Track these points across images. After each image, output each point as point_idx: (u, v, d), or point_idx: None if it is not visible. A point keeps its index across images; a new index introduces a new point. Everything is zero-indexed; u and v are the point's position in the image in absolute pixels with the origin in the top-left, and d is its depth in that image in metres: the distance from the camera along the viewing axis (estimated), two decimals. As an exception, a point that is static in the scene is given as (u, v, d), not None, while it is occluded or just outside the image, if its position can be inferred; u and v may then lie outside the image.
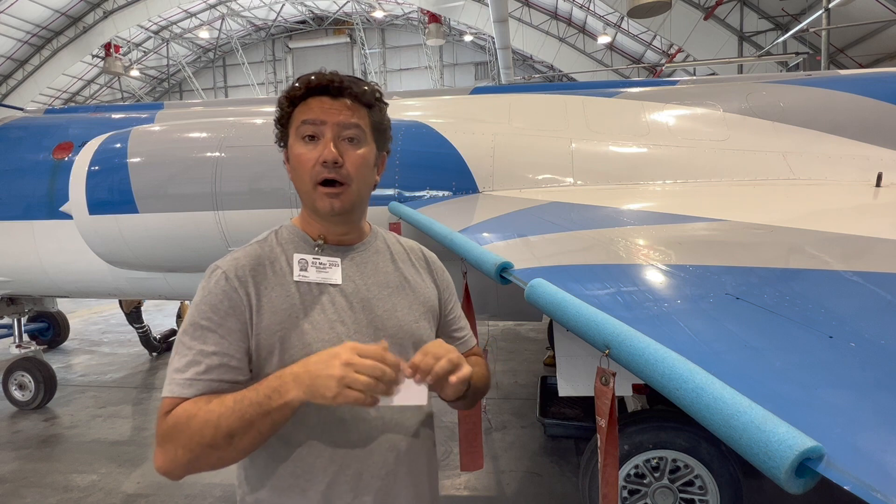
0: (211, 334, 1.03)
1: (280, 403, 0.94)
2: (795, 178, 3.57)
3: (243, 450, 0.96)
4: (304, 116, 1.09)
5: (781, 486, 0.74)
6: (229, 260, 1.12)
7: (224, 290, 1.06)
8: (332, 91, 1.10)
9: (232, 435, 0.94)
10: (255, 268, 1.10)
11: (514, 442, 4.32)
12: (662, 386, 0.99)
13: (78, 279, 4.62)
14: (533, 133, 4.00)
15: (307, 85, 1.10)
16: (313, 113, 1.09)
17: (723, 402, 0.85)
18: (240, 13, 25.51)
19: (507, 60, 17.08)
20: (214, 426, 0.94)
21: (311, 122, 1.09)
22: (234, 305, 1.06)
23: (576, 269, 1.82)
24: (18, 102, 19.84)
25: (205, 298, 1.07)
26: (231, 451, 0.96)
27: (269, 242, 1.16)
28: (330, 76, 1.11)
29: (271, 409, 0.94)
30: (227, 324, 1.04)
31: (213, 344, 1.03)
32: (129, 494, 3.69)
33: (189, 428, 0.95)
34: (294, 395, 0.93)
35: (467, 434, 1.90)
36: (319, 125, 1.09)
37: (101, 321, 10.00)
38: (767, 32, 14.93)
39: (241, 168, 3.65)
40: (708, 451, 2.67)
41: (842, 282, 1.63)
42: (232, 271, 1.09)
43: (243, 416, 0.94)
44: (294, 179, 1.14)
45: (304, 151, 1.09)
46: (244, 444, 0.95)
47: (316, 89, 1.10)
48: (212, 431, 0.94)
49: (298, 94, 1.11)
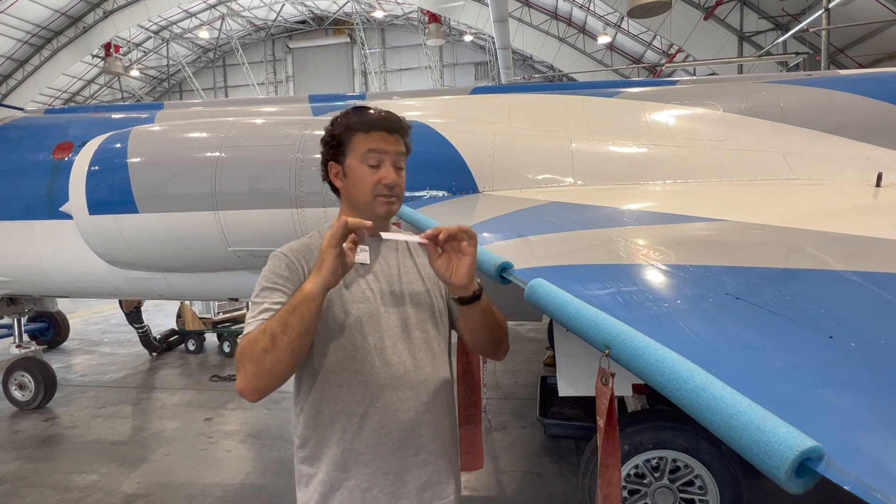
0: (275, 292, 1.35)
1: (301, 297, 1.22)
2: (795, 178, 3.57)
3: (285, 348, 1.22)
4: (370, 146, 1.42)
5: (781, 486, 0.74)
6: (286, 247, 1.46)
7: (285, 263, 1.40)
8: (389, 128, 1.44)
9: (274, 335, 1.22)
10: (305, 252, 1.43)
11: (514, 442, 4.32)
12: (662, 386, 0.99)
13: (78, 279, 4.62)
14: (533, 133, 4.00)
15: (372, 121, 1.44)
16: (378, 145, 1.43)
17: (723, 402, 0.85)
18: (240, 13, 25.50)
19: (507, 60, 17.08)
20: (263, 332, 1.24)
21: (376, 151, 1.42)
22: (293, 272, 1.39)
23: (576, 269, 1.82)
24: (18, 102, 19.82)
25: (271, 269, 1.39)
26: (277, 351, 1.22)
27: (314, 237, 1.50)
28: (388, 116, 1.47)
29: (296, 304, 1.22)
30: (288, 284, 1.37)
31: (277, 297, 1.34)
32: (129, 494, 3.69)
33: (250, 344, 1.25)
34: (310, 286, 1.22)
35: (467, 434, 1.90)
36: (382, 154, 1.43)
37: (101, 321, 10.00)
38: (767, 32, 14.92)
39: (241, 168, 3.65)
40: (708, 451, 2.67)
41: (842, 282, 1.63)
42: (290, 251, 1.43)
43: (280, 317, 1.23)
44: (351, 189, 1.46)
45: (369, 173, 1.43)
46: (284, 341, 1.21)
47: (377, 125, 1.44)
48: (262, 337, 1.23)
49: (364, 128, 1.43)
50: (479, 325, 1.48)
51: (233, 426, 4.85)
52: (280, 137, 3.69)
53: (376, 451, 1.37)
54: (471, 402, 1.90)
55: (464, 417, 1.89)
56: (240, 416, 5.07)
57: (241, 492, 3.68)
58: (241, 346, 1.27)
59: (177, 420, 5.03)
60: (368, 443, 1.37)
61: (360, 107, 1.49)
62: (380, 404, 1.37)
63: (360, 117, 1.45)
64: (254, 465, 4.08)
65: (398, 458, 1.39)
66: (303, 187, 3.55)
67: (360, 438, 1.37)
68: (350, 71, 27.65)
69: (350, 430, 1.37)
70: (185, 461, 4.17)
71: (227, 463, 4.11)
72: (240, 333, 7.50)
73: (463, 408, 1.90)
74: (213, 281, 4.34)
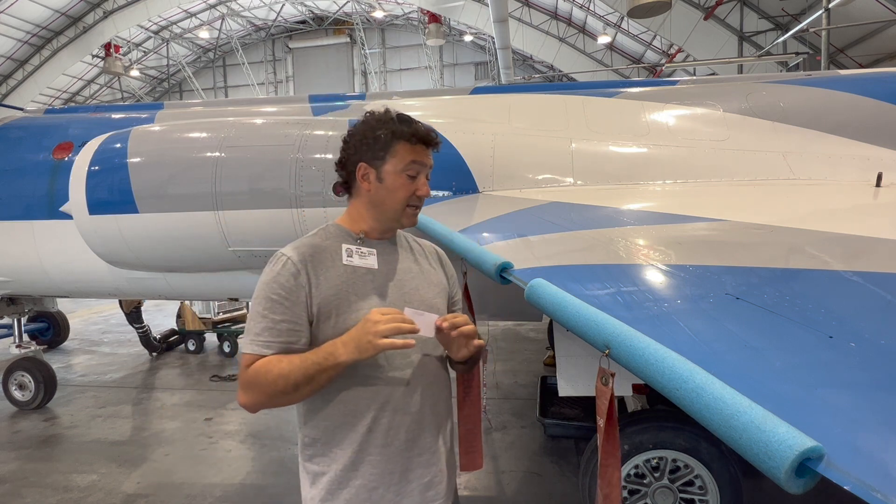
0: (280, 306, 1.34)
1: (333, 363, 1.27)
2: (795, 178, 3.57)
3: (305, 395, 1.32)
4: (413, 157, 1.43)
5: (781, 486, 0.74)
6: (291, 248, 1.42)
7: (291, 272, 1.37)
8: (429, 142, 1.45)
9: (298, 386, 1.28)
10: (313, 254, 1.41)
11: (514, 442, 4.32)
12: (662, 386, 0.99)
13: (78, 279, 4.62)
14: (533, 133, 4.00)
15: (419, 134, 1.44)
16: (420, 157, 1.44)
17: (723, 402, 0.85)
18: (240, 13, 25.48)
19: (507, 60, 17.07)
20: (285, 379, 1.28)
21: (418, 163, 1.44)
22: (299, 283, 1.36)
23: (576, 269, 1.82)
24: (18, 102, 19.82)
25: (275, 278, 1.37)
26: (296, 396, 1.31)
27: (321, 235, 1.48)
28: (429, 130, 1.47)
29: (327, 367, 1.27)
30: (292, 297, 1.35)
31: (281, 314, 1.34)
32: (129, 494, 3.69)
33: (266, 379, 1.29)
34: (344, 357, 1.27)
35: (467, 434, 1.90)
36: (421, 167, 1.45)
37: (101, 321, 10.00)
38: (767, 32, 14.91)
39: (242, 168, 3.64)
40: (708, 451, 2.67)
41: (842, 282, 1.63)
42: (296, 256, 1.39)
43: (306, 373, 1.27)
44: (384, 195, 1.44)
45: (407, 183, 1.44)
46: (306, 392, 1.30)
47: (421, 138, 1.44)
48: (283, 383, 1.28)
49: (410, 140, 1.42)
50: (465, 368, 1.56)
51: (233, 426, 4.85)
52: (280, 137, 3.69)
53: (384, 452, 1.39)
54: (470, 402, 1.90)
55: (463, 417, 1.89)
56: (240, 416, 5.07)
57: (241, 492, 3.68)
58: (251, 374, 1.31)
59: (177, 420, 5.03)
60: (377, 443, 1.39)
61: (404, 115, 1.47)
62: (389, 406, 1.40)
63: (407, 126, 1.43)
64: (254, 465, 4.08)
65: (404, 457, 1.41)
66: (303, 187, 3.55)
67: (370, 440, 1.39)
68: (350, 71, 27.65)
69: (360, 432, 1.39)
70: (185, 461, 4.17)
71: (227, 463, 4.11)
72: (240, 333, 7.52)
73: (463, 408, 1.90)
74: (213, 281, 4.33)
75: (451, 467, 1.54)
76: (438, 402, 1.49)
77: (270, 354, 1.32)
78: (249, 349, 1.33)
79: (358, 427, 1.39)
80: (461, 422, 1.89)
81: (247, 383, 1.32)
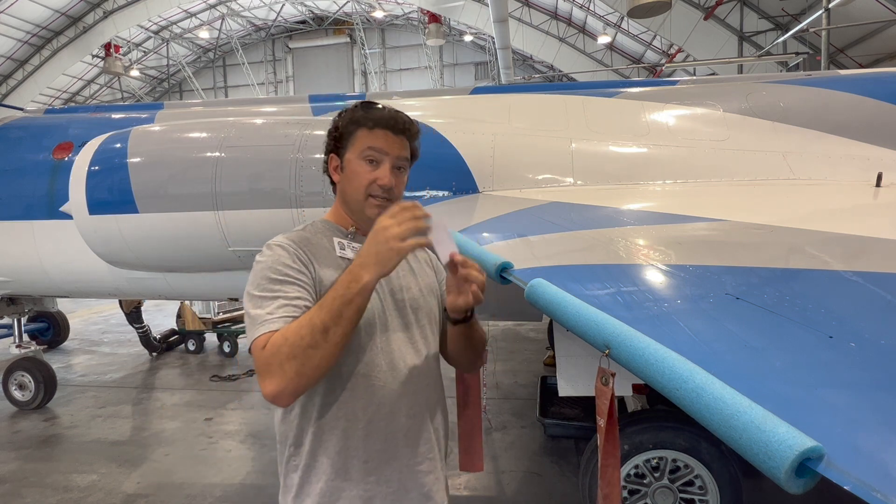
0: (288, 285, 1.23)
1: (358, 288, 1.11)
2: (795, 178, 3.57)
3: (337, 342, 1.12)
4: (370, 143, 1.33)
5: (781, 486, 0.74)
6: (282, 238, 1.34)
7: (291, 253, 1.28)
8: (394, 128, 1.34)
9: (326, 328, 1.11)
10: (305, 245, 1.33)
11: (514, 442, 4.32)
12: (662, 386, 0.99)
13: (78, 279, 4.62)
14: (533, 133, 3.99)
15: (377, 118, 1.34)
16: (379, 143, 1.33)
17: (723, 402, 0.85)
18: (240, 13, 25.48)
19: (507, 60, 17.07)
20: (310, 326, 1.11)
21: (377, 149, 1.33)
22: (304, 263, 1.28)
23: (576, 269, 1.82)
24: (18, 102, 19.82)
25: (277, 260, 1.26)
26: (328, 346, 1.11)
27: (309, 230, 1.41)
28: (395, 115, 1.36)
29: (352, 296, 1.11)
30: (300, 277, 1.26)
31: (293, 291, 1.23)
32: (129, 494, 3.69)
33: (288, 342, 1.11)
34: (367, 276, 1.11)
35: (466, 434, 1.89)
36: (382, 154, 1.34)
37: (101, 321, 10.00)
38: (767, 32, 14.91)
39: (242, 168, 3.65)
40: (708, 451, 2.67)
41: (842, 282, 1.63)
42: (290, 243, 1.31)
43: (332, 310, 1.11)
44: (346, 185, 1.38)
45: (364, 170, 1.34)
46: (337, 335, 1.12)
47: (382, 123, 1.34)
48: (309, 332, 1.11)
49: (367, 124, 1.34)
50: (461, 342, 1.44)
51: (233, 426, 4.85)
52: (280, 137, 3.69)
53: (381, 458, 1.30)
54: (471, 403, 1.89)
55: (464, 417, 1.88)
56: (240, 416, 5.07)
57: (241, 492, 3.68)
58: (268, 351, 1.13)
59: (177, 420, 5.03)
60: (374, 448, 1.30)
61: (369, 102, 1.40)
62: (386, 409, 1.31)
63: (366, 112, 1.36)
64: (254, 465, 4.08)
65: (403, 465, 1.33)
66: (303, 187, 3.55)
67: (366, 444, 1.29)
68: (350, 71, 27.65)
69: (355, 436, 1.29)
70: (185, 461, 4.17)
71: (227, 463, 4.11)
72: (240, 333, 7.52)
73: (463, 408, 1.89)
74: (213, 281, 4.34)
75: (444, 473, 1.48)
76: (437, 405, 1.44)
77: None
78: (265, 328, 1.16)
79: (352, 430, 1.29)
80: (461, 421, 1.87)
81: (266, 364, 1.12)
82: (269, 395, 1.12)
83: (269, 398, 1.13)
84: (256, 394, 5.67)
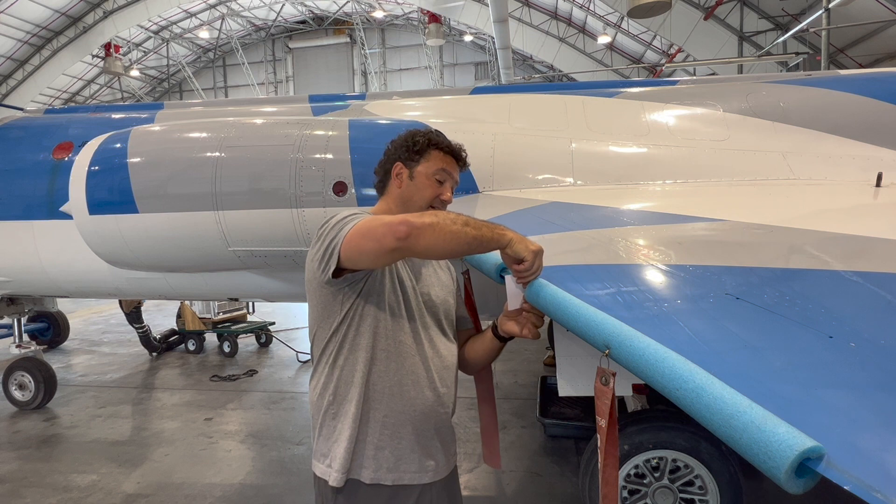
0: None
1: (500, 234, 1.38)
2: (795, 178, 3.57)
3: (452, 248, 1.34)
4: (443, 165, 1.66)
5: (781, 486, 0.74)
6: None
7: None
8: (459, 158, 1.71)
9: (467, 223, 1.34)
10: None
11: (514, 442, 4.32)
12: (662, 386, 0.99)
13: (78, 279, 4.62)
14: (533, 133, 3.99)
15: (450, 147, 1.69)
16: (449, 167, 1.67)
17: (723, 402, 0.86)
18: (240, 13, 25.48)
19: (507, 60, 17.08)
20: (456, 221, 1.33)
21: (446, 172, 1.66)
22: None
23: (576, 269, 1.82)
24: (18, 102, 19.84)
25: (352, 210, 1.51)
26: (447, 241, 1.32)
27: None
28: (461, 148, 1.72)
29: (490, 239, 1.36)
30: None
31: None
32: (129, 494, 3.69)
33: (438, 216, 1.33)
34: (509, 237, 1.38)
35: (484, 429, 2.02)
36: (448, 176, 1.67)
37: (101, 321, 10.00)
38: (767, 32, 14.91)
39: (242, 168, 3.64)
40: (708, 451, 2.67)
41: (842, 282, 1.63)
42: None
43: (480, 238, 1.35)
44: (413, 192, 1.64)
45: (434, 185, 1.65)
46: (468, 234, 1.33)
47: (453, 152, 1.69)
48: (452, 221, 1.32)
49: (444, 149, 1.67)
50: (492, 354, 1.76)
51: (233, 426, 4.85)
52: (280, 137, 3.69)
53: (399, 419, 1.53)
54: (485, 398, 2.03)
55: (481, 413, 2.04)
56: (240, 416, 5.07)
57: (241, 492, 3.68)
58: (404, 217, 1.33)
59: (177, 420, 5.03)
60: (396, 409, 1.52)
61: (441, 132, 1.73)
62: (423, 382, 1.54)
63: (442, 139, 1.69)
64: (254, 465, 4.08)
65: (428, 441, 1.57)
66: (303, 187, 3.54)
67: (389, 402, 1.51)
68: (350, 71, 27.64)
69: (408, 397, 1.52)
70: (185, 461, 4.16)
71: (227, 463, 4.11)
72: (240, 333, 7.52)
73: (480, 402, 2.04)
74: (213, 281, 4.33)
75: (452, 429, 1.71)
76: (451, 388, 1.64)
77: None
78: (360, 218, 1.40)
79: (400, 395, 1.51)
80: (480, 416, 2.05)
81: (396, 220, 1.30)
82: (400, 235, 1.28)
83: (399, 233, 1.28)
84: (256, 394, 5.67)
